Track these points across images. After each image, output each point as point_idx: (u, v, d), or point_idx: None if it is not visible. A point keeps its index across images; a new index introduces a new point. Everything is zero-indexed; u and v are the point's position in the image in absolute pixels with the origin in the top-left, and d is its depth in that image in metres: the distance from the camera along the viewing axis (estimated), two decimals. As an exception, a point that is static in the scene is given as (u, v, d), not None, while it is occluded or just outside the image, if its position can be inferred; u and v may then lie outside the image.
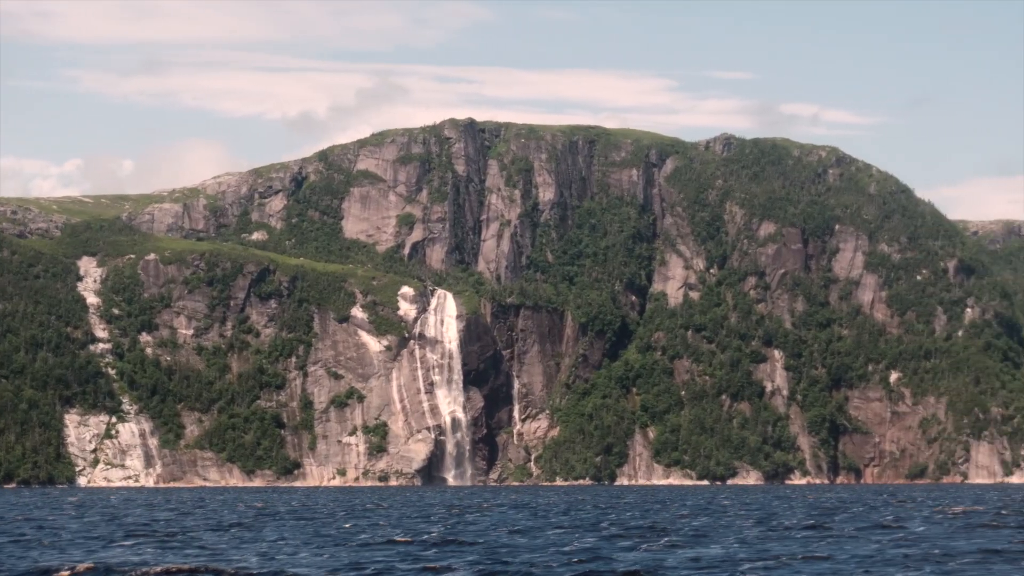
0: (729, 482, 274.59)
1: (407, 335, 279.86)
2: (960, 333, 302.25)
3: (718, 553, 50.81)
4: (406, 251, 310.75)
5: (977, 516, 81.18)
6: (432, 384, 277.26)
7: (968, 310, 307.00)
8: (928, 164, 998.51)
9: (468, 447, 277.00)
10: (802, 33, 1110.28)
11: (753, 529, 67.16)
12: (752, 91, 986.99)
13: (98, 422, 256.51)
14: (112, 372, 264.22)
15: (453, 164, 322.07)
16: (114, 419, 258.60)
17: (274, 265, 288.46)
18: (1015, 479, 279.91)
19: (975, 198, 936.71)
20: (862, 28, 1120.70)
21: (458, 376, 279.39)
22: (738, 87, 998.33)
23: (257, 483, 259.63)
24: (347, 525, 75.35)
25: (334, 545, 56.32)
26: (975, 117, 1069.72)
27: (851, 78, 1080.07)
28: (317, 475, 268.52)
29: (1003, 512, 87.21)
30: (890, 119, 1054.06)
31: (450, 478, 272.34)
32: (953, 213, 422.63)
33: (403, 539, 59.96)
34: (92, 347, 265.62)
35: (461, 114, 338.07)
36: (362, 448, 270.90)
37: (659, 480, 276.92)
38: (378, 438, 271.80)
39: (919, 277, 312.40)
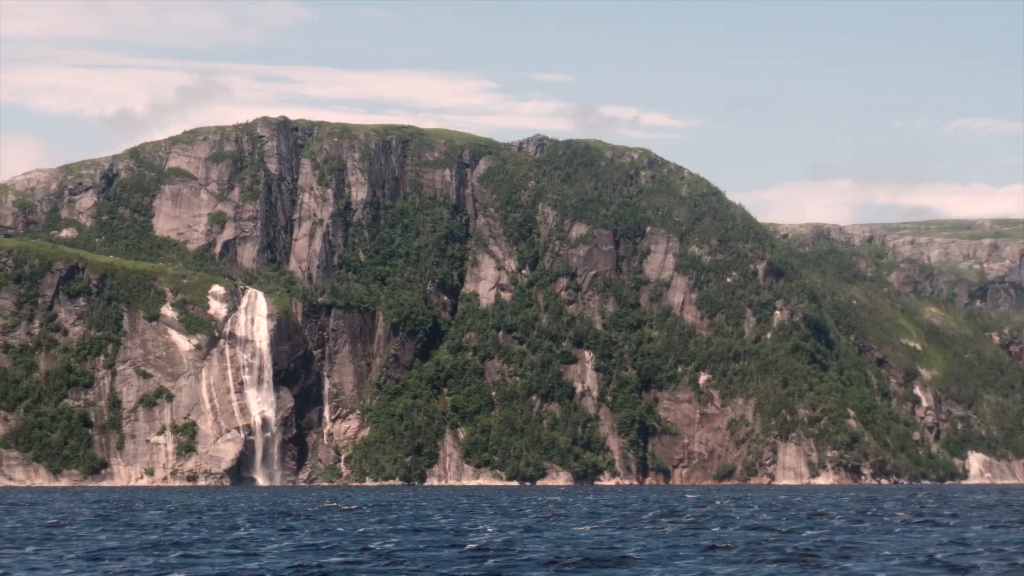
0: (539, 483, 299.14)
1: (217, 334, 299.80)
2: (769, 335, 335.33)
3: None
4: (217, 250, 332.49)
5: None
6: (242, 384, 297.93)
7: (777, 312, 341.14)
8: (745, 168, 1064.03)
9: (277, 447, 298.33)
10: (623, 37, 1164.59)
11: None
12: (572, 94, 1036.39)
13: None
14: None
15: (265, 163, 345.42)
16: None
17: (83, 263, 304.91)
18: (821, 480, 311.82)
19: (789, 202, 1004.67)
20: (683, 33, 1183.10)
21: (268, 376, 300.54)
22: (558, 89, 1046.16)
23: (64, 483, 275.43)
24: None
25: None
26: (791, 122, 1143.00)
27: (671, 82, 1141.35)
28: (125, 475, 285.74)
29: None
30: (709, 123, 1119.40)
31: (259, 478, 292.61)
32: (769, 216, 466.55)
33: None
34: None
35: (283, 113, 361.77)
36: (171, 448, 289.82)
37: (469, 481, 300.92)
38: (187, 438, 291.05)
39: (729, 279, 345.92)
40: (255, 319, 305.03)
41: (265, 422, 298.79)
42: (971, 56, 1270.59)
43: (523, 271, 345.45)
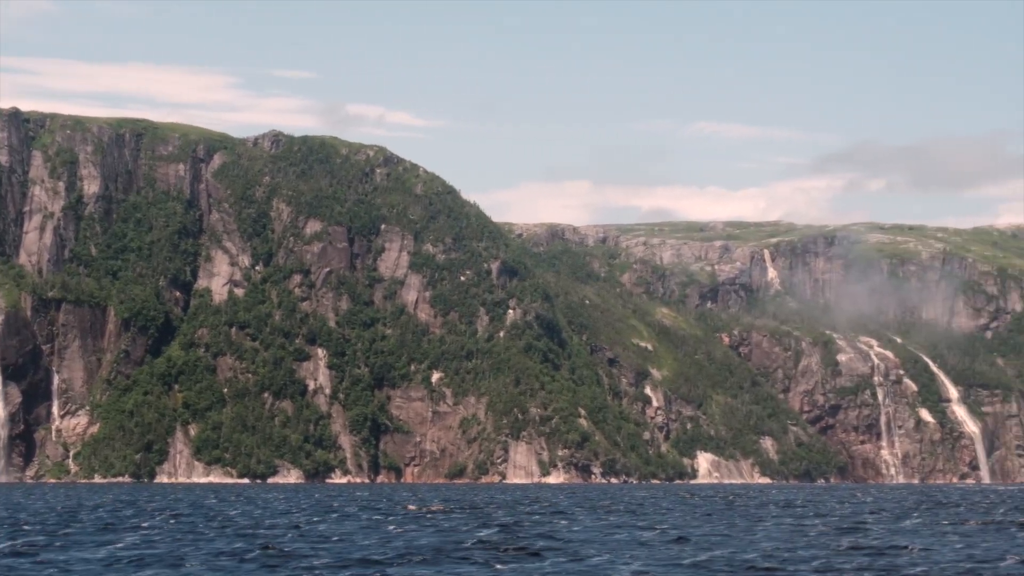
0: (270, 480, 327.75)
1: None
2: (502, 334, 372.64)
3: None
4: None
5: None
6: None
7: (510, 311, 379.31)
8: (486, 168, 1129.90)
9: (4, 443, 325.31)
10: (369, 36, 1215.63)
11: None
12: (317, 91, 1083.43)
13: None
14: None
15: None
16: None
17: None
18: (552, 479, 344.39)
19: (529, 202, 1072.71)
20: (430, 32, 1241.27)
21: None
22: (302, 86, 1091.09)
23: None
24: None
25: None
26: (532, 123, 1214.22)
27: (416, 82, 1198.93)
28: None
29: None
30: (453, 123, 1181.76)
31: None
32: (509, 217, 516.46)
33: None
34: None
35: (21, 106, 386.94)
36: None
37: (199, 478, 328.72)
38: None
39: (463, 278, 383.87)
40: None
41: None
42: (709, 59, 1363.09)
43: (257, 267, 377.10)
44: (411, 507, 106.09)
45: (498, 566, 57.44)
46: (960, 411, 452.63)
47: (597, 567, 56.04)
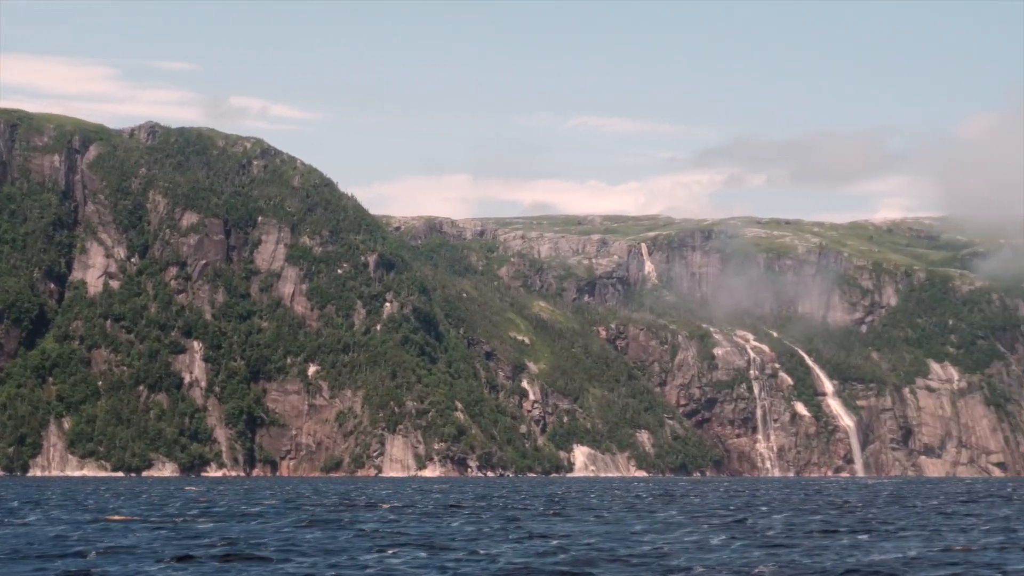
0: (144, 474, 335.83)
1: None
2: (378, 327, 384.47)
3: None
4: None
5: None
6: None
7: (387, 304, 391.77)
8: (367, 161, 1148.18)
9: None
10: (252, 28, 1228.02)
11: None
12: (199, 83, 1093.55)
13: None
14: None
15: None
16: None
17: None
18: (427, 473, 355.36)
19: (410, 196, 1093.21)
20: (312, 26, 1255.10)
21: None
22: (184, 78, 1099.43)
23: None
24: None
25: None
26: (413, 117, 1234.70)
27: (299, 75, 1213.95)
28: None
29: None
30: (335, 116, 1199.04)
31: None
32: (390, 210, 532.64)
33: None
34: None
35: None
36: None
37: (73, 471, 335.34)
38: None
39: (339, 271, 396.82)
40: None
41: None
42: (590, 54, 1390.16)
43: (132, 259, 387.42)
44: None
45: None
46: (835, 405, 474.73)
47: None
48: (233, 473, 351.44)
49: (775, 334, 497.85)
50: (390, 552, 56.85)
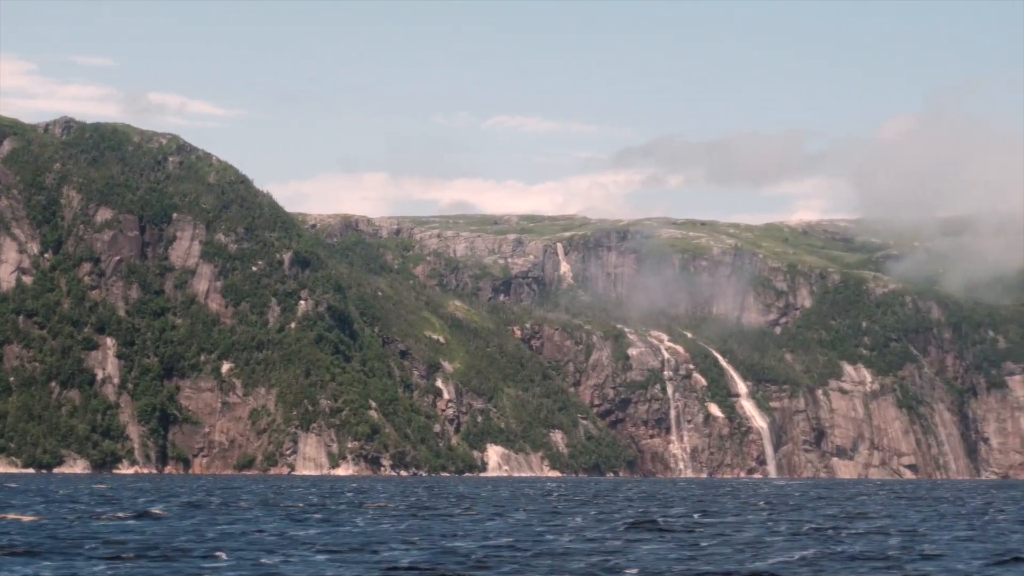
0: (56, 470, 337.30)
1: None
2: (293, 325, 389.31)
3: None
4: None
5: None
6: None
7: (302, 302, 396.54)
8: (285, 159, 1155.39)
9: None
10: (171, 24, 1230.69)
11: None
12: (117, 79, 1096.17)
13: None
14: None
15: None
16: None
17: None
18: (341, 471, 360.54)
19: (328, 194, 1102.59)
20: (235, 23, 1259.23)
21: None
22: (102, 74, 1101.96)
23: None
24: None
25: None
26: (332, 115, 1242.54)
27: (218, 71, 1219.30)
28: None
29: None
30: (253, 113, 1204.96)
31: None
32: (308, 208, 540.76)
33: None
34: None
35: None
36: None
37: None
38: None
39: (254, 268, 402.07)
40: None
41: None
42: (508, 53, 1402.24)
43: (46, 255, 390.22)
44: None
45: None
46: (748, 406, 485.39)
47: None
48: (145, 471, 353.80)
49: (689, 335, 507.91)
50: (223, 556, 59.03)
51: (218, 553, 59.63)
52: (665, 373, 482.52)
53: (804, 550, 64.15)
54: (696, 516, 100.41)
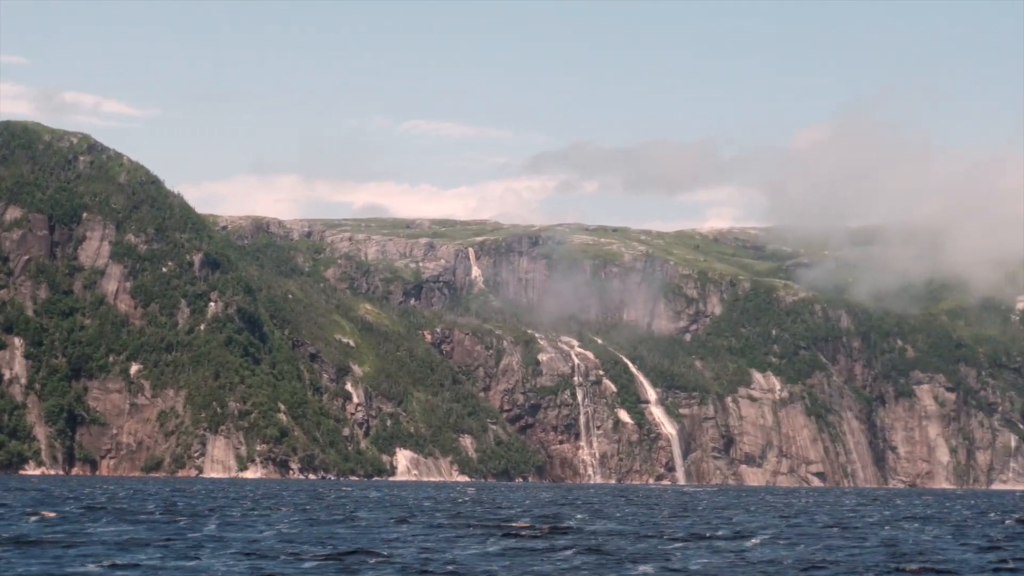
0: None
1: None
2: (202, 327, 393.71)
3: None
4: None
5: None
6: None
7: (211, 304, 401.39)
8: (199, 160, 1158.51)
9: None
10: (86, 23, 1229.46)
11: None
12: (32, 78, 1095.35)
13: None
14: None
15: None
16: None
17: None
18: (249, 474, 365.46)
19: (242, 195, 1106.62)
20: (151, 23, 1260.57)
21: None
22: (16, 72, 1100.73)
23: None
24: None
25: None
26: (247, 117, 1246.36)
27: (133, 72, 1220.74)
28: None
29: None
30: (168, 113, 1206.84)
31: None
32: (222, 209, 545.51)
33: None
34: None
35: None
36: None
37: None
38: None
39: (164, 269, 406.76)
40: None
41: None
42: (423, 57, 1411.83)
43: None
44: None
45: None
46: (658, 412, 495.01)
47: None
48: (52, 472, 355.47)
49: (600, 341, 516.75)
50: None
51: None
52: (575, 379, 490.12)
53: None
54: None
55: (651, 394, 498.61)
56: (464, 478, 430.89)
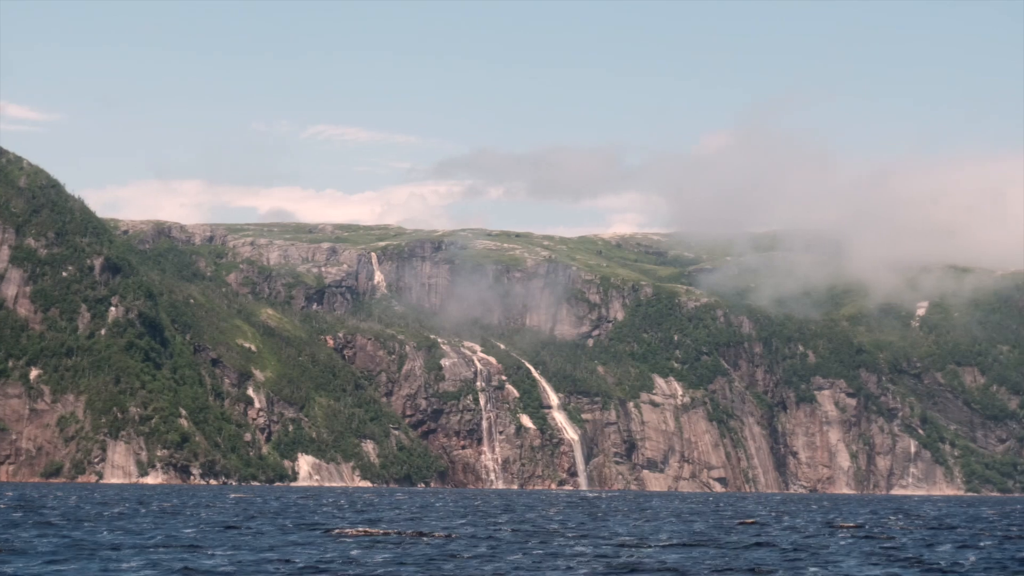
0: None
1: None
2: (103, 331, 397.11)
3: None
4: None
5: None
6: None
7: (112, 308, 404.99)
8: (103, 164, 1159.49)
9: None
10: None
11: None
12: None
13: None
14: None
15: None
16: None
17: None
18: (150, 479, 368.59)
19: (145, 200, 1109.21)
20: (53, 26, 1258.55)
21: None
22: None
23: None
24: None
25: None
26: (147, 121, 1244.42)
27: (35, 76, 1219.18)
28: None
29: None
30: (71, 118, 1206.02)
31: None
32: (125, 214, 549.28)
33: None
34: None
35: None
36: None
37: None
38: None
39: (64, 274, 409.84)
40: None
41: None
42: (330, 62, 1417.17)
43: None
44: None
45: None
46: (560, 417, 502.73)
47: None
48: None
49: (503, 346, 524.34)
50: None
51: None
52: (478, 384, 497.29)
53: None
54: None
55: (553, 399, 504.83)
56: (366, 483, 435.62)
